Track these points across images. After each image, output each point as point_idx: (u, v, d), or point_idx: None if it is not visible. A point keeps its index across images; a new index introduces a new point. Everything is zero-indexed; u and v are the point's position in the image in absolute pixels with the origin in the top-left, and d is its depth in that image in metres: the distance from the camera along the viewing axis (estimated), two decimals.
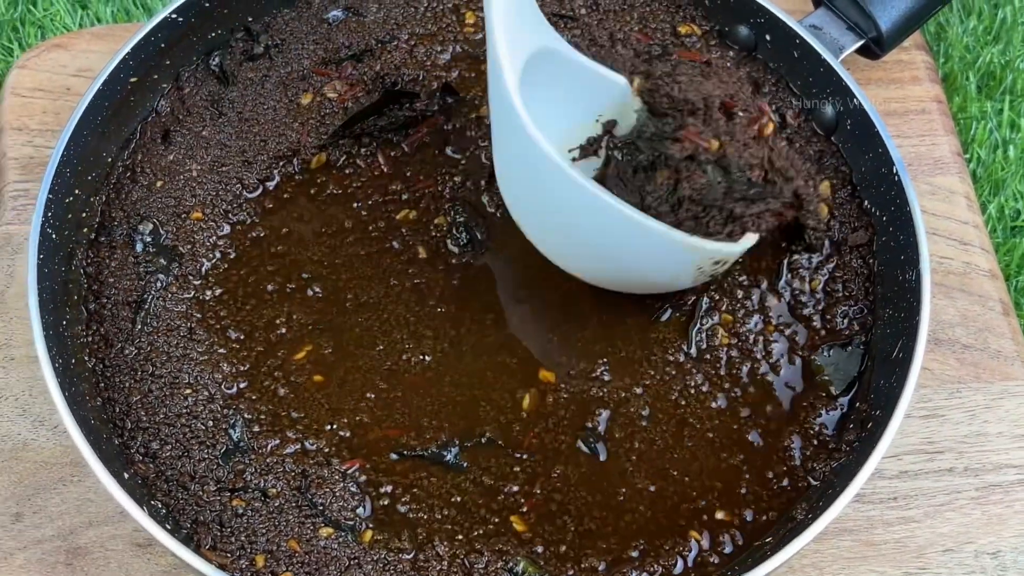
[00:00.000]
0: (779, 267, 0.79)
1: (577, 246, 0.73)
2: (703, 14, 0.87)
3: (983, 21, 0.98)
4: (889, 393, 0.72)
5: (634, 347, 0.76)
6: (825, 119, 0.83)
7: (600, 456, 0.73)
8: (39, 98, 0.88)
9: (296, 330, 0.76)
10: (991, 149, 0.92)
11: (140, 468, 0.71)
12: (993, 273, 0.84)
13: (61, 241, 0.76)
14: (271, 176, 0.81)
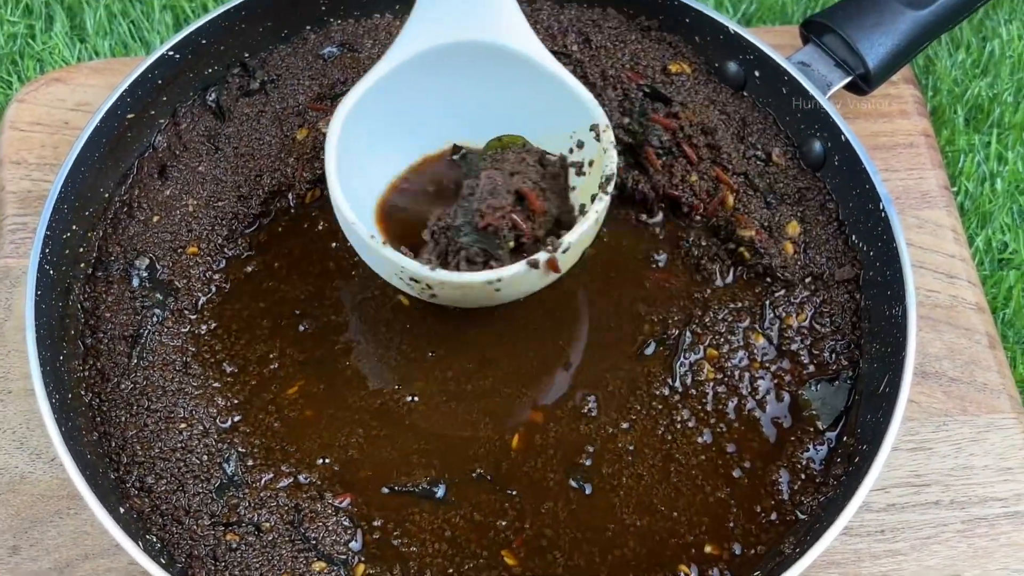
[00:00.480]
0: (762, 306, 0.80)
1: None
2: (693, 51, 0.88)
3: (971, 54, 0.99)
4: (876, 428, 0.73)
5: (620, 382, 0.77)
6: (813, 155, 0.84)
7: (588, 492, 0.74)
8: (37, 132, 0.89)
9: (288, 365, 0.77)
10: (979, 182, 0.93)
11: (135, 502, 0.72)
12: (980, 306, 0.85)
13: (59, 276, 0.77)
14: (266, 211, 0.83)
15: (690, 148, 0.83)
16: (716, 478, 0.75)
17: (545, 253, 0.70)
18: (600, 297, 0.81)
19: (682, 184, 0.83)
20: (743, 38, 0.85)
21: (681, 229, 0.83)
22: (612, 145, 0.74)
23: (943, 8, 0.86)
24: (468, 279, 0.70)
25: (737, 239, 0.81)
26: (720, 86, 0.87)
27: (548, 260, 0.70)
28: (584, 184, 0.76)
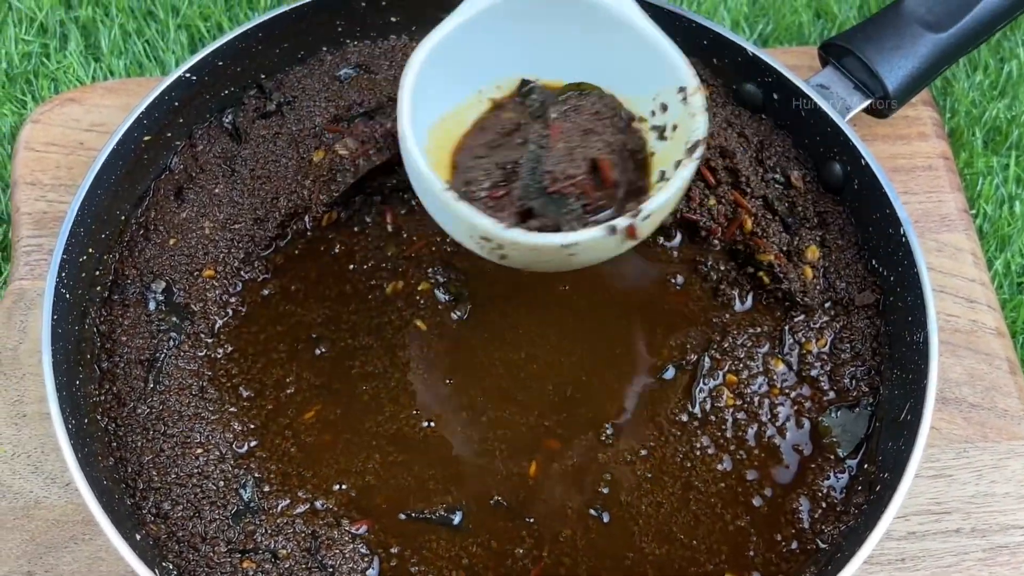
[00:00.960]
0: (781, 331, 0.80)
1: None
2: (712, 73, 0.87)
3: (989, 76, 0.98)
4: (897, 456, 0.73)
5: (639, 408, 0.77)
6: (832, 178, 0.83)
7: (606, 520, 0.73)
8: (52, 152, 0.89)
9: (305, 390, 0.77)
10: (997, 204, 0.93)
11: (152, 529, 0.71)
12: (1000, 331, 0.85)
13: (75, 300, 0.76)
14: (282, 233, 0.82)
15: (708, 171, 0.83)
16: (736, 506, 0.74)
17: (625, 219, 0.66)
18: (618, 321, 0.81)
19: (700, 208, 0.82)
20: (761, 60, 0.85)
21: (699, 253, 0.83)
22: (702, 110, 0.70)
23: (963, 31, 0.86)
24: (543, 241, 0.66)
25: (756, 263, 0.81)
26: (738, 109, 0.86)
27: (628, 227, 0.66)
28: (665, 149, 0.72)
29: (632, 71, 0.73)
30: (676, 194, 0.69)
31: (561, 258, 0.67)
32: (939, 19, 0.86)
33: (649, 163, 0.72)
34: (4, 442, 0.78)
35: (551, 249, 0.66)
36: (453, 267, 0.81)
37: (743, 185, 0.83)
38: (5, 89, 0.95)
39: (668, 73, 0.71)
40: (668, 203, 0.69)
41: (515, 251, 0.67)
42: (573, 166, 0.69)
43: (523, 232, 0.66)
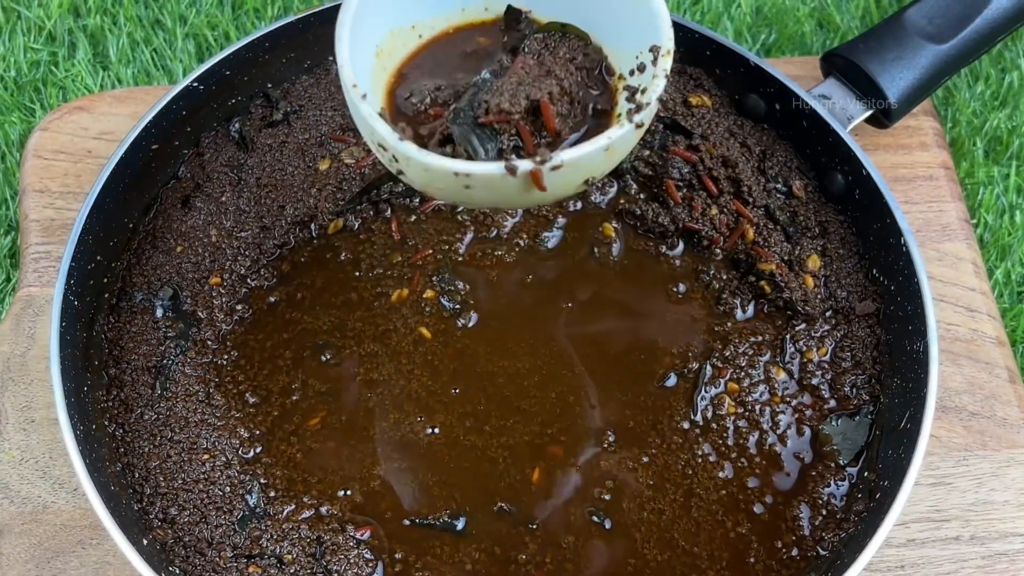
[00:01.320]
0: (782, 340, 0.80)
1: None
2: (714, 83, 0.88)
3: (990, 86, 0.99)
4: (897, 464, 0.73)
5: (641, 416, 0.77)
6: (834, 188, 0.84)
7: (608, 526, 0.74)
8: (61, 160, 0.90)
9: (311, 396, 0.78)
10: (998, 214, 0.93)
11: (159, 533, 0.72)
12: (1000, 340, 0.85)
13: (83, 307, 0.77)
14: (288, 241, 0.83)
15: (710, 181, 0.84)
16: (737, 513, 0.75)
17: (529, 162, 0.60)
18: (620, 329, 0.81)
19: (702, 217, 0.83)
20: (764, 71, 0.85)
21: (701, 262, 0.84)
22: (665, 74, 0.64)
23: (964, 42, 0.87)
24: (434, 162, 0.61)
25: (758, 272, 0.82)
26: (740, 119, 0.87)
27: (531, 171, 0.60)
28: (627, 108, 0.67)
29: (621, 23, 0.68)
30: (595, 152, 0.62)
31: (457, 188, 0.62)
32: (940, 30, 0.86)
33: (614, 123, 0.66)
34: (13, 447, 0.79)
35: (443, 173, 0.61)
36: (459, 276, 0.82)
37: (745, 195, 0.84)
38: (14, 97, 0.96)
39: (651, 30, 0.66)
40: (582, 159, 0.62)
41: (409, 167, 0.63)
42: (512, 103, 0.64)
43: (416, 148, 0.61)
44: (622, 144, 0.63)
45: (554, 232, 0.85)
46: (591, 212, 0.85)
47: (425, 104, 0.67)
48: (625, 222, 0.85)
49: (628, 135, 0.63)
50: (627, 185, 0.86)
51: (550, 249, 0.84)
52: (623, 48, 0.68)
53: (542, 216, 0.85)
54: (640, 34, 0.66)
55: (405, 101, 0.68)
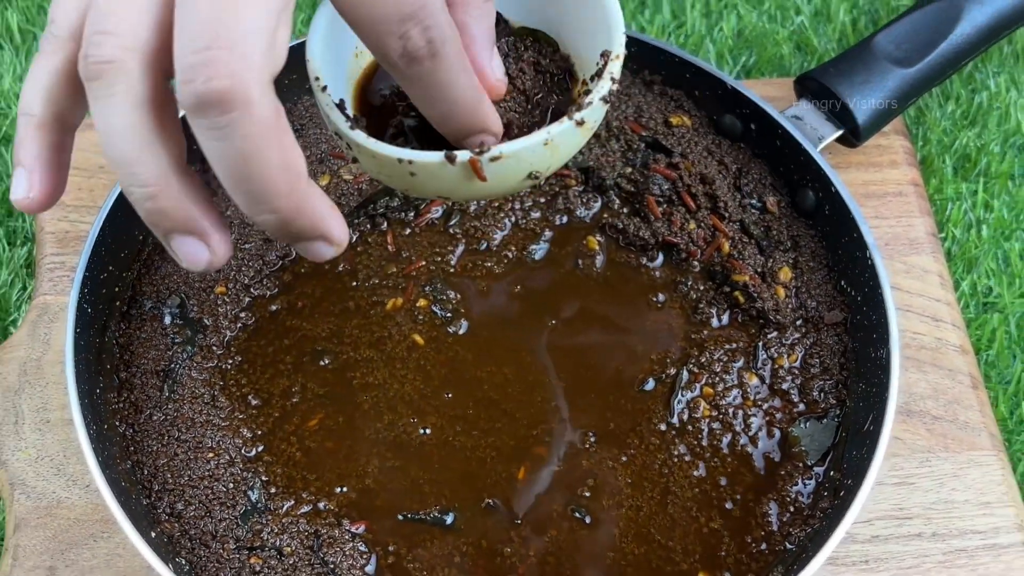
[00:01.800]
0: (755, 347, 0.85)
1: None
2: (694, 104, 0.93)
3: (961, 106, 1.04)
4: (861, 464, 0.78)
5: (621, 418, 0.82)
6: (806, 204, 0.89)
7: (588, 522, 0.78)
8: (73, 175, 0.94)
9: (310, 399, 0.82)
10: (966, 228, 0.98)
11: (166, 527, 0.77)
12: (963, 348, 0.90)
13: (96, 314, 0.82)
14: (289, 253, 0.88)
15: (689, 197, 0.88)
16: (710, 509, 0.79)
17: (468, 153, 0.62)
18: (602, 337, 0.86)
19: (681, 231, 0.88)
20: (740, 93, 0.90)
21: (680, 273, 0.88)
22: (611, 77, 0.66)
23: (930, 66, 0.92)
24: (381, 150, 0.63)
25: (732, 283, 0.86)
26: (718, 138, 0.92)
27: (470, 160, 0.62)
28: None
29: (584, 32, 0.71)
30: (534, 146, 0.64)
31: (403, 175, 0.64)
32: (907, 55, 0.91)
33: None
34: (29, 446, 0.83)
35: (389, 161, 0.64)
36: (450, 286, 0.87)
37: (722, 210, 0.88)
38: None
39: (606, 37, 0.69)
40: (522, 152, 0.63)
41: (360, 154, 0.66)
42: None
43: (364, 136, 0.64)
44: (563, 139, 0.65)
45: (541, 245, 0.90)
46: (576, 226, 0.90)
47: (391, 94, 0.70)
48: (608, 235, 0.90)
49: (568, 131, 0.65)
50: (610, 200, 0.91)
51: (537, 261, 0.89)
52: (586, 56, 0.71)
53: (529, 230, 0.90)
54: (600, 43, 0.69)
55: (375, 93, 0.71)
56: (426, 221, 0.90)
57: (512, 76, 0.69)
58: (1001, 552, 0.81)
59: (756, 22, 1.08)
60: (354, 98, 0.71)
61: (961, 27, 0.91)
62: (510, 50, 0.71)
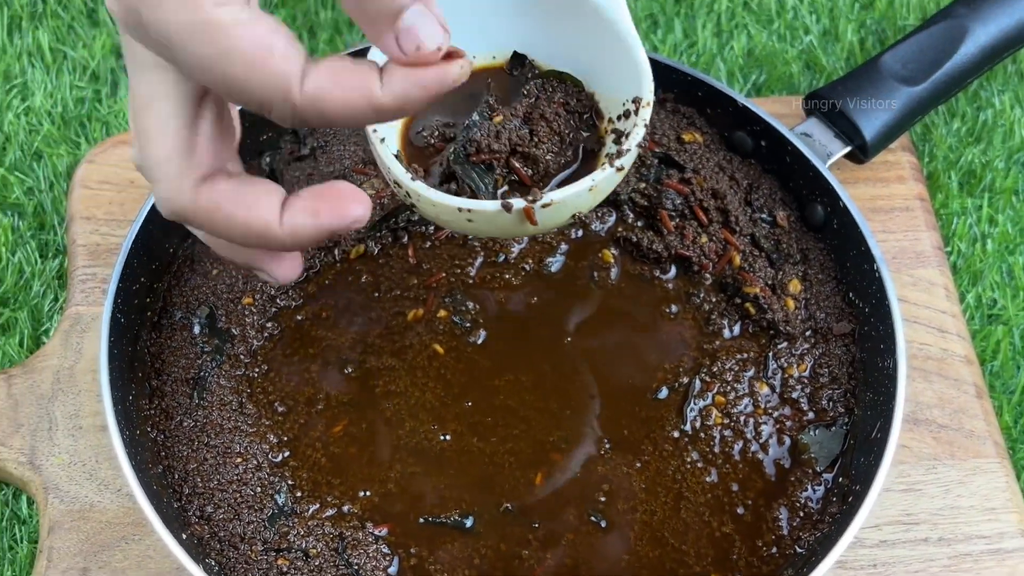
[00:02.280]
0: (766, 357, 0.87)
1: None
2: (705, 121, 0.96)
3: (966, 123, 1.06)
4: (868, 470, 0.80)
5: (635, 425, 0.85)
6: (815, 218, 0.92)
7: (604, 526, 0.81)
8: (105, 190, 0.98)
9: (334, 406, 0.85)
10: (971, 242, 1.00)
11: (196, 529, 0.79)
12: (968, 359, 0.92)
13: (128, 324, 0.85)
14: (314, 265, 0.91)
15: (701, 211, 0.91)
16: (722, 514, 0.82)
17: (522, 201, 0.69)
18: (617, 347, 0.88)
19: (693, 245, 0.90)
20: (750, 110, 0.93)
21: (692, 285, 0.91)
22: (644, 124, 0.72)
23: (936, 84, 0.94)
24: (440, 199, 0.69)
25: (743, 295, 0.89)
26: (729, 154, 0.95)
27: (524, 208, 0.69)
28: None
29: (611, 72, 0.76)
30: (580, 192, 0.70)
31: (461, 220, 0.70)
32: (913, 74, 0.94)
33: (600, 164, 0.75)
34: (62, 451, 0.86)
35: (449, 209, 0.69)
36: (469, 297, 0.90)
37: (733, 224, 0.91)
38: (61, 131, 1.04)
39: (635, 82, 0.73)
40: (569, 199, 0.70)
41: (420, 202, 0.71)
42: (499, 142, 0.73)
43: (425, 186, 0.70)
44: (604, 184, 0.72)
45: (557, 258, 0.92)
46: (591, 239, 0.93)
47: (434, 138, 0.76)
48: (622, 248, 0.93)
49: (610, 177, 0.71)
50: (624, 215, 0.93)
51: (553, 273, 0.92)
52: (612, 96, 0.77)
53: (546, 243, 0.93)
54: (627, 85, 0.74)
55: (417, 135, 0.77)
56: (446, 234, 0.92)
57: (548, 119, 0.75)
58: (1005, 557, 0.84)
59: (766, 41, 1.11)
60: (400, 139, 0.76)
61: (966, 47, 0.94)
62: (540, 92, 0.76)
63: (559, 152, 0.75)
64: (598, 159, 0.76)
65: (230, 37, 0.54)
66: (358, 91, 0.56)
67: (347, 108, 0.56)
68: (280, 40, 0.55)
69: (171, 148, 0.59)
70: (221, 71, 0.55)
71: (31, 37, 1.08)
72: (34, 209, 1.00)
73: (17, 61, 1.07)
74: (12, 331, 0.94)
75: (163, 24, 0.55)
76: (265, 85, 0.55)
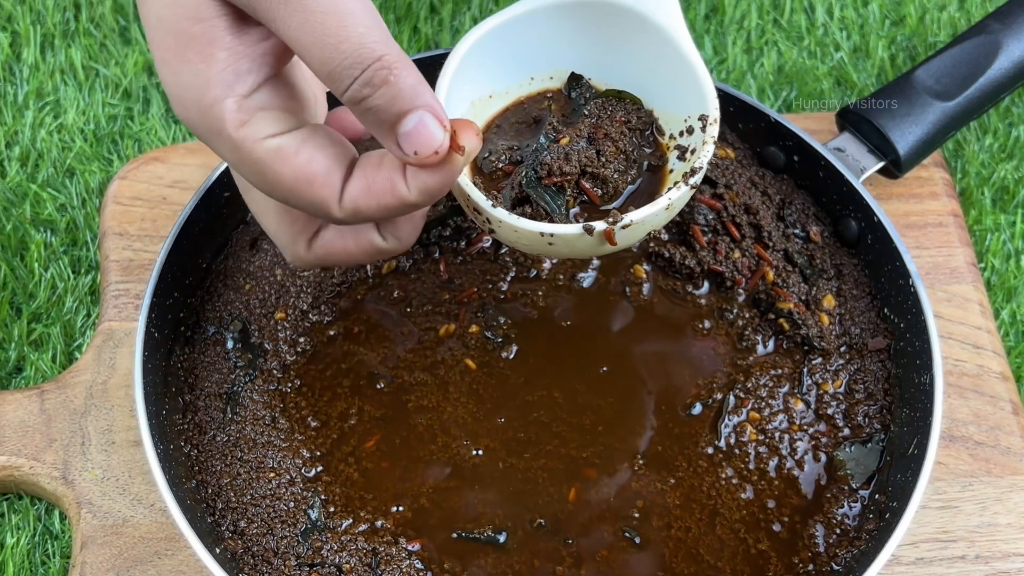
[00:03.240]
0: (800, 373, 0.87)
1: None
2: (738, 137, 0.95)
3: (998, 139, 1.06)
4: (905, 487, 0.79)
5: (669, 441, 0.84)
6: (848, 233, 0.91)
7: (638, 542, 0.80)
8: (138, 207, 0.98)
9: (366, 421, 0.85)
10: (1005, 259, 1.00)
11: (230, 544, 0.79)
12: (1004, 375, 0.92)
13: (161, 339, 0.85)
14: (346, 280, 0.91)
15: (733, 227, 0.91)
16: (757, 531, 0.81)
17: (603, 223, 0.71)
18: (651, 362, 0.88)
19: (726, 260, 0.90)
20: (783, 126, 0.93)
21: (725, 301, 0.90)
22: (713, 140, 0.73)
23: (969, 99, 0.94)
24: (524, 225, 0.71)
25: (777, 311, 0.89)
26: (761, 170, 0.94)
27: (605, 231, 0.71)
28: (679, 170, 0.76)
29: (670, 90, 0.77)
30: (658, 211, 0.72)
31: (542, 245, 0.72)
32: (946, 88, 0.94)
33: (667, 179, 0.77)
34: (95, 467, 0.86)
35: (530, 234, 0.72)
36: (501, 312, 0.89)
37: (766, 239, 0.91)
38: (93, 148, 1.05)
39: (698, 99, 0.75)
40: (648, 218, 0.72)
41: (500, 228, 0.72)
42: (569, 164, 0.74)
43: (507, 212, 0.72)
44: (679, 203, 0.73)
45: (589, 273, 0.92)
46: (623, 255, 0.93)
47: (502, 163, 0.77)
48: (655, 264, 0.92)
49: (685, 195, 0.73)
50: (657, 230, 0.93)
51: (586, 288, 0.91)
52: (672, 112, 0.78)
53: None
54: (688, 101, 0.76)
55: (484, 160, 0.78)
56: (477, 249, 0.92)
57: (613, 137, 0.76)
58: None
59: (796, 58, 1.10)
60: (470, 167, 0.77)
61: (999, 62, 0.94)
62: (601, 111, 0.76)
63: (625, 170, 0.76)
64: (661, 174, 0.77)
65: (272, 173, 0.64)
66: (388, 196, 0.64)
67: (384, 211, 0.65)
68: (319, 167, 0.64)
69: (275, 225, 0.72)
70: (272, 193, 0.66)
71: (64, 55, 1.09)
72: (67, 225, 1.00)
73: (50, 79, 1.08)
74: (45, 346, 0.95)
75: (223, 156, 0.66)
76: (309, 206, 0.65)
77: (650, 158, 0.77)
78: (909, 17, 1.13)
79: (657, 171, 0.77)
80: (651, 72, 0.78)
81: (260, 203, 0.72)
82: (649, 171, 0.77)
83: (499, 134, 0.79)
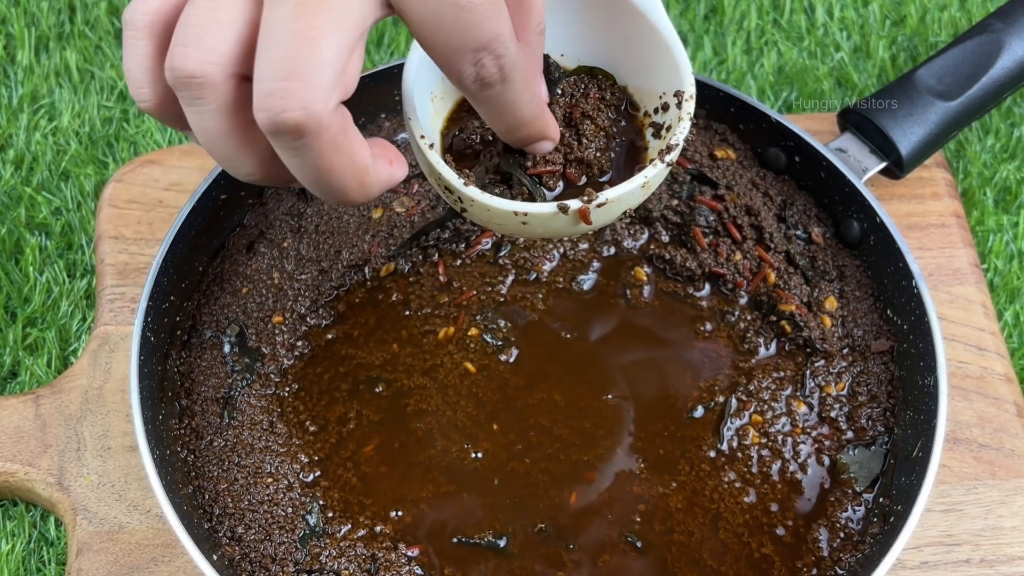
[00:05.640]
0: (803, 375, 0.86)
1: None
2: (738, 138, 0.95)
3: (1000, 140, 1.05)
4: (909, 490, 0.79)
5: (671, 445, 0.83)
6: (850, 235, 0.90)
7: (640, 547, 0.80)
8: (134, 210, 0.97)
9: (365, 425, 0.84)
10: (1007, 260, 0.99)
11: (227, 550, 0.78)
12: (1008, 377, 0.91)
13: (158, 343, 0.84)
14: (344, 283, 0.90)
15: (734, 228, 0.90)
16: (761, 535, 0.80)
17: (578, 202, 0.68)
18: (651, 365, 0.87)
19: (727, 262, 0.89)
20: (784, 126, 0.92)
21: (726, 303, 0.90)
22: (689, 117, 0.71)
23: (971, 99, 0.93)
24: (496, 204, 0.69)
25: (779, 313, 0.88)
26: (762, 170, 0.94)
27: (580, 209, 0.69)
28: (655, 147, 0.74)
29: (645, 66, 0.75)
30: (634, 189, 0.70)
31: (515, 224, 0.70)
32: (948, 88, 0.93)
33: (643, 157, 0.75)
34: (91, 472, 0.85)
35: (504, 213, 0.69)
36: (501, 315, 0.89)
37: (767, 241, 0.90)
38: (88, 151, 1.04)
39: (673, 75, 0.73)
40: (623, 196, 0.70)
41: (472, 207, 0.70)
42: (555, 154, 0.71)
43: (479, 191, 0.69)
44: (655, 180, 0.71)
45: (589, 275, 0.91)
46: (623, 257, 0.92)
47: (474, 141, 0.74)
48: (655, 266, 0.92)
49: (661, 172, 0.71)
50: (657, 232, 0.92)
51: (586, 291, 0.91)
52: (647, 88, 0.76)
53: (578, 260, 0.92)
54: (663, 78, 0.74)
55: (456, 138, 0.75)
56: (476, 252, 0.92)
57: (591, 115, 0.74)
58: None
59: (796, 58, 1.10)
60: (440, 146, 0.75)
61: (1002, 61, 0.93)
62: (574, 89, 0.74)
63: (606, 148, 0.74)
64: (639, 152, 0.75)
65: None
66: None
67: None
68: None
69: (335, 55, 0.56)
70: None
71: (59, 57, 1.08)
72: (62, 229, 0.99)
73: (44, 81, 1.07)
74: (40, 351, 0.94)
75: None
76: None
77: (627, 131, 0.76)
78: (910, 17, 1.12)
79: (633, 148, 0.76)
80: (624, 48, 0.76)
81: (344, 21, 0.57)
82: (627, 149, 0.75)
83: (471, 113, 0.76)
